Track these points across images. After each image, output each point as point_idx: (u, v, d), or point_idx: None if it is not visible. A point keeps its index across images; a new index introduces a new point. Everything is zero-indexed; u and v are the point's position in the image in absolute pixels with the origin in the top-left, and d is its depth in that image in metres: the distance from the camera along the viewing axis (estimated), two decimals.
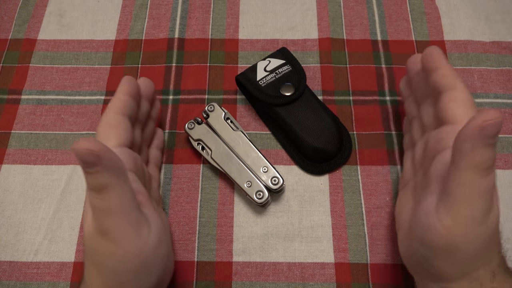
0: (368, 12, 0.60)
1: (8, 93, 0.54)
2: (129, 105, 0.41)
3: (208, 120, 0.49)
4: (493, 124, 0.28)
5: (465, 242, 0.31)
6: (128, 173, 0.36)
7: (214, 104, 0.50)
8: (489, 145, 0.29)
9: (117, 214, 0.31)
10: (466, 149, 0.29)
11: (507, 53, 0.56)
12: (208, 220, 0.47)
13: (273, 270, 0.44)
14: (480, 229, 0.31)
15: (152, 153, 0.48)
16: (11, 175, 0.49)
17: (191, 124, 0.49)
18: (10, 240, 0.46)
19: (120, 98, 0.41)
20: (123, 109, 0.41)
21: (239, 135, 0.48)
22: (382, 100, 0.53)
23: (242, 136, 0.48)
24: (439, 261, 0.32)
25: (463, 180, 0.30)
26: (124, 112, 0.40)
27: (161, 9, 0.60)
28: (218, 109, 0.50)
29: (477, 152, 0.29)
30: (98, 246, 0.32)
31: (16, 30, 0.59)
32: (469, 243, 0.31)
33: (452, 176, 0.30)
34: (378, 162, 0.50)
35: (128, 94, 0.41)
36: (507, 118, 0.52)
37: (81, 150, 0.28)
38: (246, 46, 0.58)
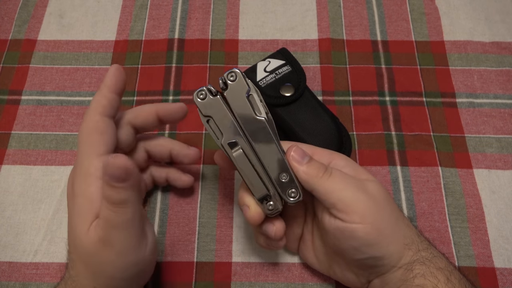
0: (368, 12, 0.60)
1: (8, 94, 0.54)
2: (116, 105, 0.39)
3: (226, 93, 0.37)
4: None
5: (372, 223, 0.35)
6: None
7: (236, 71, 0.37)
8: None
9: (127, 228, 0.32)
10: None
11: (507, 53, 0.56)
12: (208, 221, 0.47)
13: (273, 271, 0.44)
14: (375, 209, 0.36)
15: (158, 174, 0.46)
16: (11, 176, 0.49)
17: (202, 94, 0.37)
18: (10, 240, 0.46)
19: (106, 95, 0.38)
20: (110, 109, 0.38)
21: (261, 124, 0.37)
22: (382, 100, 0.53)
23: (265, 127, 0.37)
24: (370, 250, 0.35)
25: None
26: (111, 113, 0.38)
27: (161, 10, 0.60)
28: (241, 80, 0.37)
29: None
30: (99, 253, 0.33)
31: (16, 31, 0.59)
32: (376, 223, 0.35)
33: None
34: (377, 162, 0.50)
35: (114, 92, 0.38)
36: (507, 119, 0.52)
37: (115, 165, 0.30)
38: (246, 46, 0.58)
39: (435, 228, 0.46)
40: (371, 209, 0.35)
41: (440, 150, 0.50)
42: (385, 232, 0.35)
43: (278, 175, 0.37)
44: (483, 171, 0.49)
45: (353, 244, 0.35)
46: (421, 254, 0.36)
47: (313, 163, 0.37)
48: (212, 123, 0.37)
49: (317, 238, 0.41)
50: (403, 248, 0.36)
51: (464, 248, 0.45)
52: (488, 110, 0.53)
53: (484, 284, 0.43)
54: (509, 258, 0.45)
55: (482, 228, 0.46)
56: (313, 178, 0.36)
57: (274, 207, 0.38)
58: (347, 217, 0.34)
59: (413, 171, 0.49)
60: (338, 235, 0.36)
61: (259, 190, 0.38)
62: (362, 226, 0.34)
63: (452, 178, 0.49)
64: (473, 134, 0.51)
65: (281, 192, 0.38)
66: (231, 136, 0.37)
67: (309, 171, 0.36)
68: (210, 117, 0.37)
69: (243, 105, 0.37)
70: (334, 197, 0.35)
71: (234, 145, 0.37)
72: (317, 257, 0.41)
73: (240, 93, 0.37)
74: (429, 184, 0.48)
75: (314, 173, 0.36)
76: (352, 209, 0.35)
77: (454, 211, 0.47)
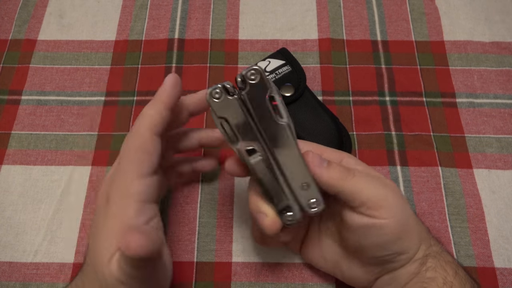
0: (368, 12, 0.60)
1: (8, 94, 0.54)
2: (167, 122, 0.36)
3: (245, 93, 0.33)
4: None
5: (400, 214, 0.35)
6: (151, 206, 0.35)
7: (258, 69, 0.33)
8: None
9: (144, 281, 0.33)
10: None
11: (507, 53, 0.56)
12: (208, 221, 0.47)
13: (273, 271, 0.44)
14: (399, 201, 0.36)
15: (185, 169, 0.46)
16: (11, 176, 0.49)
17: (217, 93, 0.33)
18: (10, 240, 0.46)
19: (161, 112, 0.36)
20: (162, 128, 0.36)
21: (282, 129, 0.34)
22: (381, 100, 0.53)
23: (286, 131, 0.34)
24: (394, 246, 0.35)
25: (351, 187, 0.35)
26: (162, 132, 0.36)
27: (161, 10, 0.60)
28: (262, 80, 0.33)
29: None
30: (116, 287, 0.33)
31: (16, 31, 0.59)
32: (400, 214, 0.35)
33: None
34: (377, 162, 0.50)
35: (170, 109, 0.36)
36: (507, 118, 0.52)
37: (130, 252, 0.29)
38: (246, 46, 0.58)
39: (435, 228, 0.46)
40: (398, 204, 0.35)
41: (440, 150, 0.50)
42: (408, 227, 0.36)
43: (300, 183, 0.35)
44: (483, 171, 0.49)
45: (378, 240, 0.35)
46: (433, 248, 0.36)
47: (334, 166, 0.35)
48: (227, 126, 0.34)
49: (325, 238, 0.41)
50: (419, 242, 0.36)
51: (464, 248, 0.45)
52: (488, 110, 0.53)
53: (484, 284, 0.44)
54: (509, 258, 0.45)
55: (482, 228, 0.46)
56: (339, 180, 0.35)
57: (294, 218, 0.35)
58: (377, 213, 0.34)
59: (413, 171, 0.49)
60: (364, 233, 0.35)
61: (280, 200, 0.35)
62: (389, 221, 0.34)
63: (452, 178, 0.49)
64: (473, 134, 0.51)
65: (302, 202, 0.35)
66: (249, 141, 0.34)
67: (333, 174, 0.35)
68: (225, 118, 0.34)
69: (263, 107, 0.33)
70: (363, 196, 0.34)
71: (252, 151, 0.34)
72: (324, 256, 0.41)
73: (261, 94, 0.33)
74: (429, 184, 0.48)
75: (338, 176, 0.35)
76: (382, 205, 0.34)
77: (454, 211, 0.47)
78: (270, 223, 0.35)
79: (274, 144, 0.34)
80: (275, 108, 0.34)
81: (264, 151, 0.34)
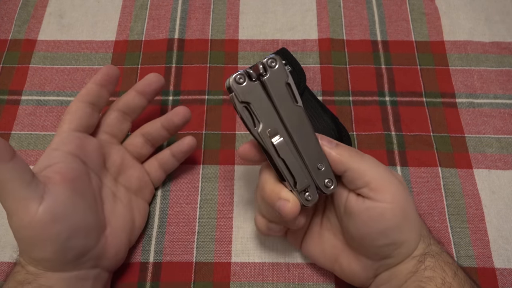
0: (368, 12, 0.60)
1: (8, 94, 0.54)
2: (93, 94, 0.42)
3: (265, 79, 0.35)
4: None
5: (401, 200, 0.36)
6: (59, 154, 0.39)
7: (277, 57, 0.36)
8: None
9: (1, 191, 0.35)
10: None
11: (507, 53, 0.56)
12: (208, 221, 0.47)
13: (272, 271, 0.44)
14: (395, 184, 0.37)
15: (163, 155, 0.47)
16: None
17: (241, 77, 0.35)
18: (9, 240, 0.46)
19: (87, 86, 0.43)
20: (85, 96, 0.42)
21: (298, 112, 0.36)
22: (381, 100, 0.53)
23: (303, 115, 0.37)
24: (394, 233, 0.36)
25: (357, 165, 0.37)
26: (85, 100, 0.42)
27: (161, 10, 0.60)
28: (281, 67, 0.36)
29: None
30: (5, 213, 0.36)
31: (16, 31, 0.59)
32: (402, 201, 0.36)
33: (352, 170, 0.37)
34: None
35: (96, 83, 0.43)
36: (507, 119, 0.52)
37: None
38: (246, 46, 0.58)
39: (435, 228, 0.46)
40: (401, 191, 0.36)
41: (440, 151, 0.50)
42: (410, 217, 0.36)
43: (316, 164, 0.37)
44: (483, 171, 0.49)
45: (379, 226, 0.35)
46: (432, 247, 0.37)
47: (343, 145, 0.38)
48: (247, 111, 0.36)
49: (325, 230, 0.42)
50: (419, 239, 0.36)
51: (464, 248, 0.45)
52: (488, 110, 0.53)
53: (484, 285, 0.43)
54: (509, 258, 0.45)
55: (482, 228, 0.46)
56: (348, 157, 0.36)
57: (313, 197, 0.37)
58: (379, 196, 0.35)
59: (413, 171, 0.49)
60: (365, 217, 0.36)
61: (302, 180, 0.37)
62: (392, 206, 0.35)
63: (452, 178, 0.49)
64: (473, 134, 0.51)
65: (318, 182, 0.37)
66: (270, 124, 0.36)
67: (342, 152, 0.37)
68: (247, 103, 0.35)
69: (283, 92, 0.36)
70: (368, 175, 0.36)
71: (274, 134, 0.36)
72: (324, 250, 0.41)
73: (280, 80, 0.36)
74: (429, 184, 0.48)
75: (347, 154, 0.37)
76: (385, 188, 0.35)
77: (454, 211, 0.47)
78: (291, 207, 0.36)
79: (292, 127, 0.36)
80: (290, 94, 0.36)
81: (283, 133, 0.36)
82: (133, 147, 0.46)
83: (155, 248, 0.45)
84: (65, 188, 0.37)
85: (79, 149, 0.40)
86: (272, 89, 0.35)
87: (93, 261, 0.39)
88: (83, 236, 0.38)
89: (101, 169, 0.43)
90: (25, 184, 0.35)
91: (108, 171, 0.44)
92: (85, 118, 0.42)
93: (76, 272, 0.38)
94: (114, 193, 0.43)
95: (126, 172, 0.45)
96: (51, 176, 0.37)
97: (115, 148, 0.45)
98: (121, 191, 0.44)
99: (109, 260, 0.41)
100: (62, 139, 0.40)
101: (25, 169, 0.35)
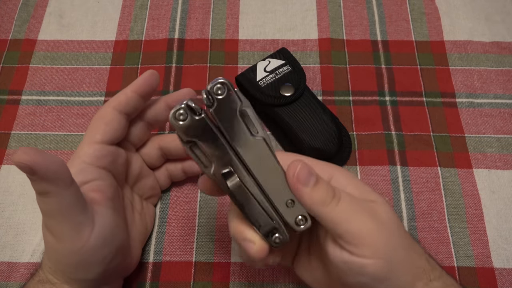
0: (368, 12, 0.60)
1: (8, 94, 0.54)
2: (132, 104, 0.40)
3: (213, 110, 0.30)
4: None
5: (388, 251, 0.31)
6: (94, 169, 0.38)
7: (225, 82, 0.29)
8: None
9: (56, 216, 0.33)
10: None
11: (507, 53, 0.56)
12: (207, 221, 0.47)
13: (271, 271, 0.44)
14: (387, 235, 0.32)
15: (174, 168, 0.46)
16: (11, 176, 0.49)
17: (182, 114, 0.29)
18: (9, 240, 0.46)
19: (127, 93, 0.40)
20: (124, 106, 0.39)
21: (258, 144, 0.31)
22: (381, 100, 0.53)
23: (263, 147, 0.31)
24: (384, 285, 0.31)
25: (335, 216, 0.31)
26: (122, 110, 0.39)
27: (161, 10, 0.60)
28: (231, 94, 0.29)
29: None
30: (45, 236, 0.35)
31: (16, 31, 0.59)
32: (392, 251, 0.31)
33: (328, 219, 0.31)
34: (377, 162, 0.50)
35: (137, 93, 0.40)
36: (507, 118, 0.52)
37: (16, 162, 0.30)
38: (246, 46, 0.58)
39: (434, 228, 0.46)
40: (383, 241, 0.31)
41: (440, 151, 0.50)
42: (397, 265, 0.31)
43: (284, 201, 0.32)
44: (483, 171, 0.49)
45: (361, 280, 0.31)
46: (433, 284, 0.32)
47: (320, 186, 0.31)
48: (197, 149, 0.31)
49: (315, 260, 0.36)
50: (413, 279, 0.32)
51: (463, 248, 0.45)
52: (488, 110, 0.53)
53: (483, 285, 0.43)
54: (508, 258, 0.45)
55: (481, 228, 0.46)
56: (319, 206, 0.31)
57: (283, 239, 0.32)
58: (357, 250, 0.30)
59: (412, 171, 0.49)
60: (344, 269, 0.31)
61: (265, 224, 0.32)
62: (373, 261, 0.30)
63: (452, 178, 0.49)
64: (473, 134, 0.51)
65: (289, 221, 0.32)
66: (223, 163, 0.31)
67: (315, 196, 0.31)
68: (193, 142, 0.30)
69: (235, 124, 0.30)
70: (342, 228, 0.30)
71: (228, 174, 0.31)
72: (314, 278, 0.37)
73: (231, 109, 0.30)
74: (429, 184, 0.48)
75: (321, 200, 0.31)
76: (363, 242, 0.30)
77: (453, 211, 0.47)
78: (257, 250, 0.32)
79: (252, 162, 0.31)
80: (248, 123, 0.31)
81: (241, 172, 0.31)
82: (149, 158, 0.45)
83: (155, 248, 0.45)
84: (108, 208, 0.37)
85: (111, 165, 0.39)
86: (222, 122, 0.30)
87: (121, 273, 0.40)
88: (121, 254, 0.38)
89: (123, 180, 0.42)
90: (81, 209, 0.34)
91: (126, 181, 0.43)
92: (120, 130, 0.39)
93: (107, 286, 0.39)
94: (131, 202, 0.43)
95: (141, 181, 0.44)
96: (93, 197, 0.36)
97: (134, 157, 0.43)
98: (136, 199, 0.44)
99: (130, 270, 0.42)
100: (96, 152, 0.38)
101: (80, 193, 0.34)
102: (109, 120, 0.39)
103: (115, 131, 0.39)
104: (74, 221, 0.33)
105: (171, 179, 0.47)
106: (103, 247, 0.35)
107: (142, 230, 0.43)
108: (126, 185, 0.43)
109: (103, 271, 0.36)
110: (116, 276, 0.40)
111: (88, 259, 0.35)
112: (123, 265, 0.40)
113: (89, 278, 0.36)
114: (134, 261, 0.42)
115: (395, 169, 0.49)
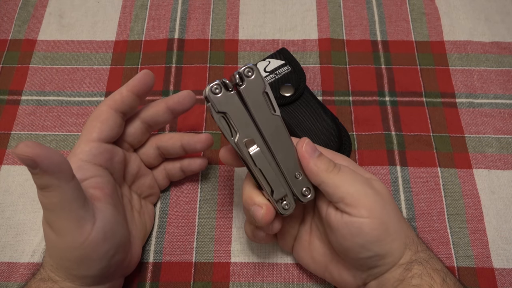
0: (368, 12, 0.60)
1: (8, 94, 0.54)
2: (127, 103, 0.41)
3: (241, 89, 0.36)
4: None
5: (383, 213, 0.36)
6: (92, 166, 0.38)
7: (254, 67, 0.36)
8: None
9: (57, 211, 0.33)
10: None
11: (507, 53, 0.56)
12: (207, 221, 0.47)
13: (271, 271, 0.44)
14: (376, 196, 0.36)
15: (172, 167, 0.47)
16: (11, 176, 0.49)
17: (217, 88, 0.35)
18: (9, 241, 0.46)
19: (122, 92, 0.40)
20: (119, 104, 0.40)
21: (276, 121, 0.37)
22: (381, 100, 0.53)
23: (280, 124, 0.37)
24: (375, 247, 0.35)
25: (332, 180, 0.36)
26: (118, 108, 0.40)
27: (161, 10, 0.60)
28: (258, 76, 0.36)
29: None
30: (46, 233, 0.35)
31: (16, 31, 0.59)
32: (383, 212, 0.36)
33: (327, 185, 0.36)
34: (377, 162, 0.50)
35: (133, 91, 0.41)
36: (506, 119, 0.52)
37: (18, 155, 0.30)
38: (246, 46, 0.58)
39: (434, 228, 0.46)
40: (378, 204, 0.35)
41: (440, 151, 0.50)
42: (390, 229, 0.35)
43: (293, 173, 0.37)
44: (482, 171, 0.49)
45: (359, 241, 0.35)
46: (420, 255, 0.36)
47: (323, 157, 0.37)
48: (223, 121, 0.36)
49: (315, 238, 0.41)
50: (404, 247, 0.36)
51: (463, 248, 0.45)
52: (488, 110, 0.53)
53: (483, 285, 0.43)
54: (507, 258, 0.45)
55: (481, 228, 0.46)
56: (323, 171, 0.36)
57: (290, 206, 0.38)
58: (355, 211, 0.35)
59: (412, 171, 0.49)
60: (344, 232, 0.35)
61: (278, 190, 0.37)
62: (370, 220, 0.34)
63: (451, 178, 0.49)
64: (473, 134, 0.51)
65: (296, 191, 0.38)
66: (247, 133, 0.36)
67: (320, 164, 0.36)
68: (224, 113, 0.36)
69: (260, 102, 0.36)
70: (343, 191, 0.35)
71: (250, 143, 0.37)
72: (313, 258, 0.41)
73: (257, 89, 0.36)
74: (428, 184, 0.48)
75: (324, 167, 0.36)
76: (360, 203, 0.35)
77: (453, 211, 0.47)
78: (264, 213, 0.36)
79: (270, 136, 0.37)
80: (268, 103, 0.37)
81: (260, 142, 0.37)
82: (147, 157, 0.45)
83: (154, 248, 0.45)
84: (108, 204, 0.37)
85: (108, 162, 0.40)
86: (249, 98, 0.36)
87: (122, 271, 0.41)
88: (123, 251, 0.39)
89: (121, 178, 0.43)
90: (82, 203, 0.34)
91: (124, 180, 0.44)
92: (115, 128, 0.40)
93: (109, 284, 0.39)
94: (130, 201, 0.43)
95: (139, 180, 0.45)
96: (93, 193, 0.37)
97: (132, 157, 0.44)
98: (134, 198, 0.44)
99: (131, 268, 0.42)
100: (93, 149, 0.38)
101: (81, 188, 0.34)
102: (104, 118, 0.40)
103: (111, 129, 0.40)
104: (76, 215, 0.34)
105: (170, 179, 0.48)
106: (105, 242, 0.36)
107: (141, 228, 0.44)
108: (124, 184, 0.43)
109: (105, 267, 0.36)
110: (117, 274, 0.40)
111: (89, 254, 0.35)
112: (124, 263, 0.40)
113: (90, 274, 0.36)
114: (134, 259, 0.42)
115: (395, 169, 0.49)
